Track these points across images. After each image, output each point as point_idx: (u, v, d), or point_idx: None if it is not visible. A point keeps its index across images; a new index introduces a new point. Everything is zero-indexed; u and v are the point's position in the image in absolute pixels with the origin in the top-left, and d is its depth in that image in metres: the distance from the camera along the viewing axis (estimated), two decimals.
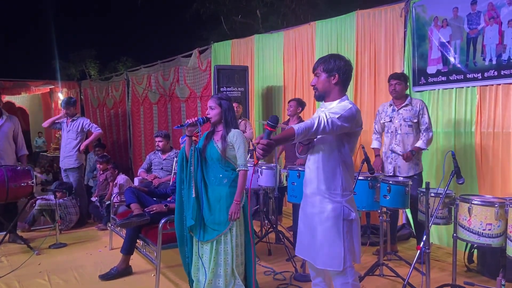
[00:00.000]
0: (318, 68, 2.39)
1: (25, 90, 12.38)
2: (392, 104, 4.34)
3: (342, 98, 2.38)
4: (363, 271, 3.66)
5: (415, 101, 4.25)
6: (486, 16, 4.23)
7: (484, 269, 3.83)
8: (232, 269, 2.99)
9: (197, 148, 3.06)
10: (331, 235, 2.31)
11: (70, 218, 5.57)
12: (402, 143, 4.24)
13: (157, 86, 9.46)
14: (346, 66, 2.35)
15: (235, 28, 13.77)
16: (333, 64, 2.34)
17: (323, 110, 2.30)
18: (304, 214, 2.50)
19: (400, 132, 4.25)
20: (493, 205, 2.99)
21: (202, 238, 2.98)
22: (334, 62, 2.34)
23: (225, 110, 3.04)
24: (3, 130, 4.99)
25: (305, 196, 2.51)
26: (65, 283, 3.76)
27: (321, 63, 2.38)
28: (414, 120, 4.19)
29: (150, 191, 4.34)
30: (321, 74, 2.37)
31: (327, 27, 5.93)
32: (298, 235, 2.56)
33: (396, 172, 4.26)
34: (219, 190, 3.01)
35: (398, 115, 4.26)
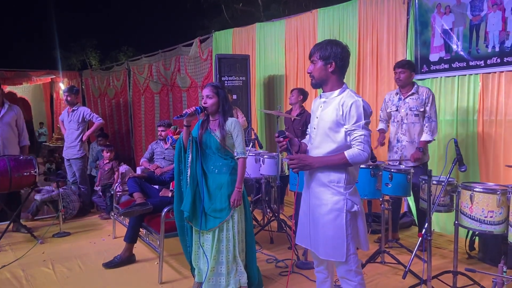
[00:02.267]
0: (315, 54, 2.33)
1: (26, 80, 12.36)
2: (398, 93, 4.28)
3: (343, 87, 2.34)
4: (365, 259, 3.68)
5: (421, 89, 4.17)
6: (490, 3, 4.19)
7: (486, 256, 3.85)
8: (234, 256, 3.02)
9: (195, 138, 3.05)
10: (334, 228, 2.30)
11: (73, 206, 5.62)
12: (408, 132, 4.18)
13: (159, 75, 9.43)
14: (343, 53, 2.30)
15: (236, 17, 13.68)
16: (329, 51, 2.29)
17: (348, 129, 2.26)
18: (306, 205, 2.50)
19: (406, 121, 4.19)
20: (495, 193, 2.99)
21: (205, 227, 2.99)
22: (331, 48, 2.29)
23: (222, 99, 3.05)
24: (5, 119, 5.00)
25: (307, 187, 2.49)
26: (69, 271, 3.79)
27: (317, 49, 2.32)
28: (420, 109, 4.11)
29: (150, 177, 4.36)
30: (317, 62, 2.32)
31: (329, 14, 5.88)
32: (299, 226, 2.57)
33: (402, 162, 4.21)
34: (220, 178, 3.02)
35: (404, 104, 4.20)
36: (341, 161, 2.22)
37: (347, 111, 2.25)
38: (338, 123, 2.28)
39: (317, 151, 2.37)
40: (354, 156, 2.21)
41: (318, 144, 2.38)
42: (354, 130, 2.24)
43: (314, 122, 2.43)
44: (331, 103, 2.33)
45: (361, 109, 2.23)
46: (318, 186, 2.37)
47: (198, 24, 15.05)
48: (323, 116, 2.35)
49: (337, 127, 2.29)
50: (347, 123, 2.25)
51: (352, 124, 2.24)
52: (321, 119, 2.36)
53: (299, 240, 2.57)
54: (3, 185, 4.44)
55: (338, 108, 2.28)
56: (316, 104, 2.46)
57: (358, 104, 2.24)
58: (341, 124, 2.28)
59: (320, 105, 2.40)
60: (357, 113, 2.23)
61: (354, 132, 2.25)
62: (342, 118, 2.27)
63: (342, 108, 2.26)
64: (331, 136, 2.31)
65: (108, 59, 19.39)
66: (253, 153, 4.70)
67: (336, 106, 2.29)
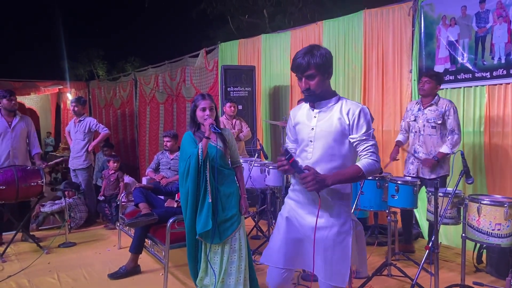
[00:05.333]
0: (310, 68, 2.07)
1: (34, 90, 12.50)
2: (419, 103, 4.22)
3: (337, 96, 2.19)
4: (371, 271, 3.65)
5: (442, 102, 4.09)
6: (495, 15, 4.20)
7: (493, 269, 3.80)
8: (245, 263, 3.00)
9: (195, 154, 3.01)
10: (340, 251, 2.11)
11: (80, 216, 5.65)
12: (425, 144, 4.12)
13: (165, 86, 9.51)
14: (331, 56, 2.15)
15: (242, 28, 13.77)
16: (324, 59, 2.08)
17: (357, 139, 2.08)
18: (298, 225, 2.23)
19: (423, 133, 4.13)
20: (502, 205, 2.97)
21: (219, 240, 2.97)
22: (324, 57, 2.08)
23: (217, 110, 3.11)
24: (16, 130, 5.05)
25: (299, 204, 2.24)
26: (74, 282, 3.79)
27: (312, 62, 2.06)
28: (438, 122, 4.04)
29: (156, 188, 4.37)
30: (316, 75, 2.09)
31: (335, 26, 5.92)
32: (279, 247, 2.27)
33: (419, 173, 4.13)
34: (228, 187, 3.04)
35: (422, 115, 4.14)
36: (357, 174, 2.04)
37: (355, 120, 2.08)
38: (343, 134, 2.10)
39: (317, 169, 2.06)
40: (370, 168, 2.04)
41: (318, 159, 2.13)
42: (364, 140, 2.08)
43: (309, 134, 2.17)
44: (329, 112, 2.15)
45: (368, 117, 2.11)
46: (321, 206, 2.12)
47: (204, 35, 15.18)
48: (323, 127, 2.13)
49: (343, 138, 2.11)
50: (355, 133, 2.09)
51: (362, 133, 2.08)
52: (321, 130, 2.14)
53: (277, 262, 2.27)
54: (10, 195, 4.47)
55: (341, 117, 2.10)
56: (305, 114, 2.24)
57: (366, 111, 2.11)
58: (346, 134, 2.10)
59: (313, 115, 2.18)
60: (366, 122, 2.09)
61: (364, 143, 2.08)
62: (348, 128, 2.09)
63: (347, 117, 2.09)
64: (336, 149, 2.11)
65: (115, 70, 19.56)
66: (259, 163, 4.70)
67: (338, 115, 2.11)
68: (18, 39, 21.56)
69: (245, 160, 4.70)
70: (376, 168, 2.07)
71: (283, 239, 2.25)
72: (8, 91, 5.06)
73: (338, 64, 5.85)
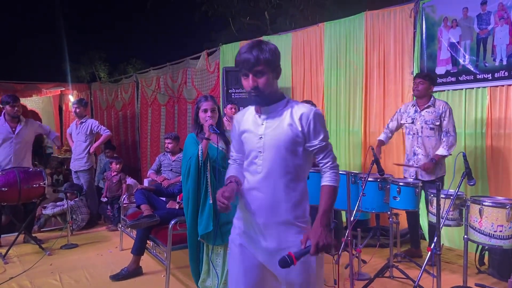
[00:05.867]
0: (260, 64, 1.82)
1: (36, 92, 12.52)
2: (415, 105, 4.23)
3: (286, 99, 1.96)
4: (373, 273, 3.65)
5: (438, 103, 4.12)
6: (497, 17, 4.21)
7: (495, 271, 3.80)
8: None
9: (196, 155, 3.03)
10: (304, 275, 1.87)
11: (82, 218, 5.65)
12: (424, 146, 4.13)
13: (166, 88, 9.52)
14: (279, 52, 1.93)
15: (244, 30, 13.78)
16: (274, 55, 1.87)
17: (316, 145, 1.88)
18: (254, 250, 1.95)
19: (421, 134, 4.14)
20: (504, 207, 2.97)
21: (221, 241, 2.97)
22: (274, 52, 1.87)
23: (219, 111, 3.10)
24: (20, 136, 5.05)
25: (250, 226, 1.95)
26: (76, 283, 3.79)
27: (262, 57, 1.83)
28: (436, 123, 4.06)
29: (158, 190, 4.38)
30: (266, 72, 1.85)
31: (336, 28, 5.92)
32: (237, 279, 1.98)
33: (419, 175, 4.14)
34: None
35: (420, 117, 4.15)
36: (335, 195, 1.87)
37: (311, 125, 1.86)
38: (296, 142, 1.87)
39: (266, 182, 1.87)
40: (338, 178, 1.90)
41: (269, 172, 1.87)
42: (324, 146, 1.89)
43: (258, 144, 1.90)
44: (279, 117, 1.90)
45: (323, 119, 1.92)
46: (277, 226, 1.87)
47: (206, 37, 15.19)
48: (273, 135, 1.87)
49: (295, 146, 1.87)
50: (313, 140, 1.87)
51: (320, 139, 1.88)
52: (270, 139, 1.87)
53: None
54: (12, 197, 4.48)
55: (293, 123, 1.86)
56: (251, 121, 1.97)
57: (320, 114, 1.90)
58: (299, 142, 1.87)
59: (261, 122, 1.92)
60: (323, 126, 1.90)
61: (325, 150, 1.90)
62: (302, 135, 1.87)
63: (300, 122, 1.86)
64: (289, 160, 1.86)
65: (116, 72, 19.58)
66: None
67: (288, 121, 1.87)
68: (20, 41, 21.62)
69: None
70: (338, 174, 1.92)
71: (241, 270, 1.96)
72: (12, 96, 5.04)
73: (340, 66, 5.86)
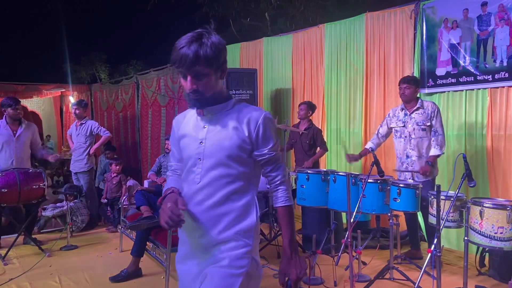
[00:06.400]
0: (199, 63, 1.54)
1: (37, 93, 12.54)
2: (404, 108, 4.27)
3: (233, 99, 1.71)
4: (373, 275, 3.64)
5: (426, 104, 4.18)
6: (497, 18, 4.20)
7: (496, 273, 3.79)
8: None
9: None
10: None
11: (82, 219, 5.65)
12: (417, 147, 4.15)
13: (166, 89, 9.52)
14: (225, 45, 1.63)
15: (244, 31, 13.79)
16: (217, 51, 1.56)
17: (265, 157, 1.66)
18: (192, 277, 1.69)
19: (414, 136, 4.16)
20: (505, 208, 2.96)
21: None
22: (217, 48, 1.56)
23: None
24: (21, 138, 5.04)
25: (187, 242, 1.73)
26: (76, 285, 3.79)
27: (202, 54, 1.52)
28: (427, 124, 4.10)
29: (158, 191, 4.38)
30: (209, 73, 1.57)
31: (336, 29, 5.92)
32: None
33: (414, 177, 4.15)
34: None
35: (411, 120, 4.18)
36: (293, 214, 1.71)
37: (260, 131, 1.63)
38: (242, 149, 1.63)
39: (204, 195, 1.63)
40: (291, 197, 1.70)
41: (209, 182, 1.63)
42: (273, 156, 1.67)
43: (197, 150, 1.65)
44: (223, 119, 1.65)
45: (274, 124, 1.70)
46: (215, 241, 1.62)
47: None
48: (215, 140, 1.63)
49: (241, 153, 1.63)
50: (261, 148, 1.65)
51: (270, 148, 1.65)
52: (212, 145, 1.63)
53: None
54: (12, 198, 4.48)
55: (239, 126, 1.62)
56: (191, 124, 1.72)
57: (271, 118, 1.68)
58: (246, 149, 1.64)
59: (203, 125, 1.68)
60: (273, 132, 1.67)
61: (274, 162, 1.68)
62: (250, 141, 1.63)
63: (248, 127, 1.62)
64: (232, 169, 1.62)
65: (117, 73, 19.62)
66: None
67: (234, 125, 1.63)
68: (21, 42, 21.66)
69: None
70: (290, 188, 1.72)
71: None
72: (13, 99, 5.03)
73: (340, 67, 5.86)
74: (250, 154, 1.66)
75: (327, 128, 6.05)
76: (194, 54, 1.52)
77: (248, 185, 1.67)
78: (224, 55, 1.62)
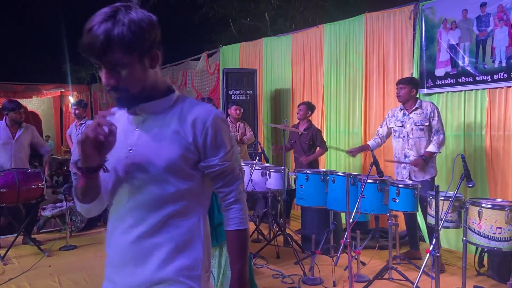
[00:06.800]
0: (112, 49, 1.14)
1: (36, 93, 12.55)
2: (402, 109, 4.29)
3: (175, 93, 1.30)
4: (372, 275, 3.65)
5: (425, 104, 4.19)
6: (496, 18, 4.20)
7: (495, 273, 3.79)
8: None
9: None
10: None
11: (81, 219, 5.65)
12: (415, 147, 4.16)
13: None
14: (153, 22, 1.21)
15: (244, 31, 13.80)
16: (140, 31, 1.15)
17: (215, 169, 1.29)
18: None
19: (412, 136, 4.18)
20: (503, 209, 2.97)
21: (216, 242, 2.98)
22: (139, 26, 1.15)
23: None
24: (20, 141, 5.05)
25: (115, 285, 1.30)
26: (75, 285, 3.79)
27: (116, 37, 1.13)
28: (425, 124, 4.12)
29: None
30: (127, 63, 1.17)
31: (336, 29, 5.93)
32: None
33: (412, 176, 4.17)
34: None
35: (409, 120, 4.20)
36: (246, 240, 1.35)
37: (208, 135, 1.25)
38: (185, 158, 1.24)
39: (133, 220, 1.24)
40: (246, 219, 1.35)
41: (139, 203, 1.25)
42: (224, 169, 1.30)
43: (124, 159, 1.26)
44: (160, 120, 1.27)
45: (227, 126, 1.33)
46: (149, 286, 1.25)
47: (206, 38, 15.21)
48: (149, 148, 1.24)
49: (184, 165, 1.25)
50: (210, 156, 1.27)
51: (220, 158, 1.28)
52: (145, 153, 1.24)
53: None
54: (11, 198, 4.48)
55: (181, 129, 1.25)
56: (121, 123, 1.29)
57: (224, 119, 1.32)
58: (191, 158, 1.26)
59: (134, 128, 1.28)
60: (226, 137, 1.30)
61: (225, 175, 1.31)
62: (195, 148, 1.25)
63: (193, 129, 1.24)
64: (171, 185, 1.24)
65: None
66: (260, 167, 4.71)
67: (175, 127, 1.25)
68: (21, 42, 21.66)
69: (246, 164, 4.70)
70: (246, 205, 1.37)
71: None
72: (16, 102, 5.07)
73: (339, 67, 5.87)
74: (196, 166, 1.28)
75: (326, 128, 6.06)
76: (105, 37, 1.12)
77: (193, 206, 1.29)
78: (153, 35, 1.20)
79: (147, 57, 1.21)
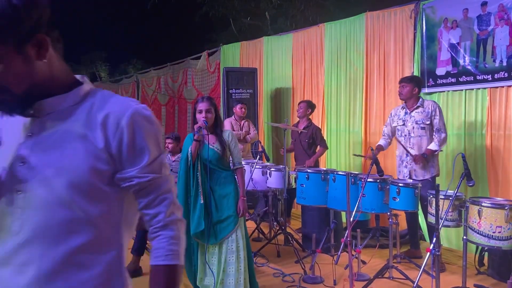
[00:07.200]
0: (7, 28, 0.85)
1: None
2: (404, 107, 4.29)
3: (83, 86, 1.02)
4: (373, 274, 3.65)
5: (427, 103, 4.19)
6: (497, 17, 4.21)
7: (495, 272, 3.80)
8: (244, 265, 3.02)
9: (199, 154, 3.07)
10: None
11: None
12: (416, 146, 4.17)
13: (166, 88, 9.55)
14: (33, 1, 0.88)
15: (244, 30, 13.80)
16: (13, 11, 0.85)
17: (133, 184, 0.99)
18: None
19: (413, 135, 4.18)
20: (503, 208, 2.97)
21: (215, 240, 3.00)
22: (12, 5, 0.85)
23: (217, 112, 3.13)
24: None
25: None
26: None
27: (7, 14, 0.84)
28: (426, 122, 4.12)
29: None
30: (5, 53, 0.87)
31: (336, 28, 5.93)
32: None
33: (412, 175, 4.17)
34: (225, 189, 3.09)
35: (410, 118, 4.20)
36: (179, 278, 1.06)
37: (124, 136, 0.96)
38: (97, 171, 0.95)
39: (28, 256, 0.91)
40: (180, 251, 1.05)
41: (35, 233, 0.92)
42: (147, 182, 0.99)
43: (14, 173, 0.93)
44: (62, 122, 0.96)
45: (155, 128, 1.02)
46: None
47: (207, 37, 15.22)
48: (47, 159, 0.93)
49: (95, 180, 0.95)
50: (124, 167, 0.98)
51: (141, 168, 0.98)
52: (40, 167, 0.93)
53: None
54: None
55: (90, 132, 0.95)
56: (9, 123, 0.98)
57: (147, 116, 1.01)
58: (105, 170, 0.96)
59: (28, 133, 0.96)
60: (152, 139, 1.00)
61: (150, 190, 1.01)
62: (109, 156, 0.96)
63: (105, 130, 0.95)
64: (77, 211, 0.93)
65: (117, 72, 19.62)
66: (260, 165, 4.71)
67: (81, 129, 0.95)
68: None
69: (247, 162, 4.71)
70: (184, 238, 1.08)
71: None
72: None
73: (340, 66, 5.87)
74: (112, 180, 0.98)
75: (327, 127, 6.06)
76: None
77: (110, 235, 0.99)
78: (35, 14, 0.89)
79: (30, 45, 0.90)
